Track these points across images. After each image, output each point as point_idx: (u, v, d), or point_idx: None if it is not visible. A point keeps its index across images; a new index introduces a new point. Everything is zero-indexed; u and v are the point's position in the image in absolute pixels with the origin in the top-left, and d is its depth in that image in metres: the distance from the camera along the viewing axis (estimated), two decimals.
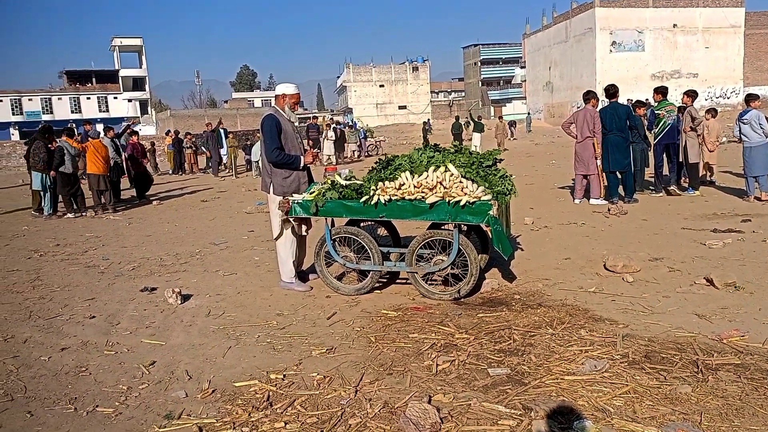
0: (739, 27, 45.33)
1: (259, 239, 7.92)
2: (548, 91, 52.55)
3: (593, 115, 9.30)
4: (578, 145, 9.47)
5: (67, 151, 11.02)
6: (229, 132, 22.22)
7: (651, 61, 44.68)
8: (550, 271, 5.62)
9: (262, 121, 5.36)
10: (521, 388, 3.25)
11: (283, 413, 3.10)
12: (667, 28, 44.75)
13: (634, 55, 44.53)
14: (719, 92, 45.02)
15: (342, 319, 4.59)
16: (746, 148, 8.93)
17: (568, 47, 48.41)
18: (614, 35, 44.40)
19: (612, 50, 44.53)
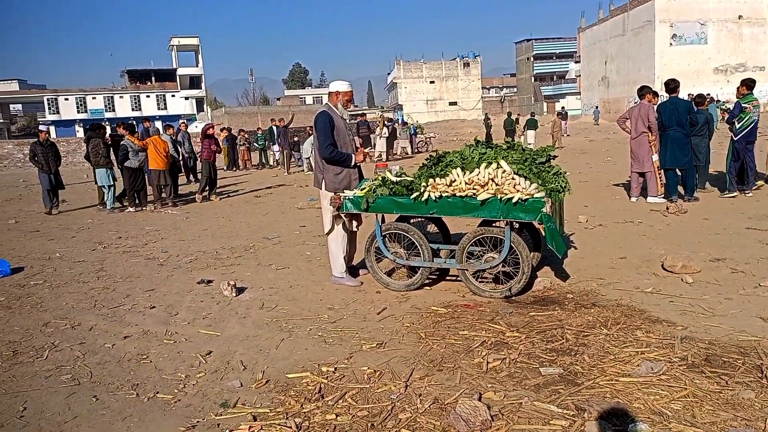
0: None
1: (311, 234, 8.04)
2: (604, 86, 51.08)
3: (648, 110, 8.99)
4: (633, 142, 9.18)
5: (131, 147, 11.48)
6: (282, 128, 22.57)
7: (714, 54, 42.77)
8: (604, 271, 5.49)
9: (316, 117, 5.44)
10: (574, 388, 3.19)
11: (334, 405, 3.15)
12: (731, 19, 42.72)
13: (695, 49, 42.73)
14: None
15: (392, 315, 4.62)
16: None
17: (625, 41, 46.92)
18: (675, 28, 42.72)
19: (672, 43, 42.87)
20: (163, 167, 11.90)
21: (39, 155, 11.50)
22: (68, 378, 3.72)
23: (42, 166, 11.54)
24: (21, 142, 35.46)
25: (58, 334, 4.56)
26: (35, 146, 11.65)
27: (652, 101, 9.21)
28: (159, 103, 71.07)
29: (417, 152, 25.35)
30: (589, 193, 10.43)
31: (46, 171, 11.61)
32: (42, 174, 11.67)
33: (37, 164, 11.57)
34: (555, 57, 75.18)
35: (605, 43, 50.32)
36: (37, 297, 5.63)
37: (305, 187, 14.24)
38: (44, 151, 11.59)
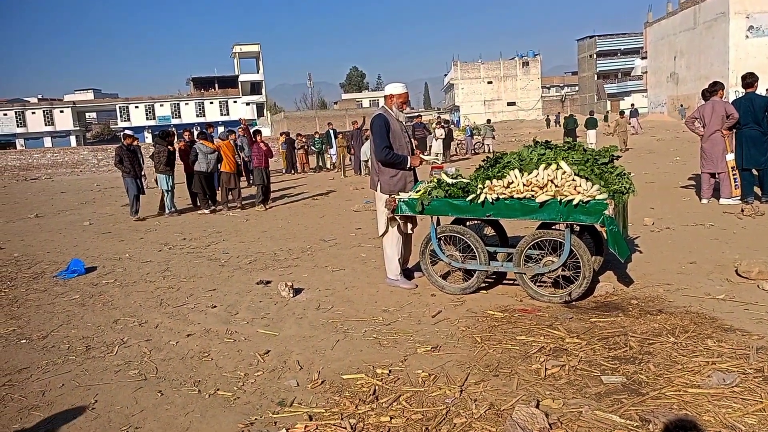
0: None
1: (366, 236, 8.08)
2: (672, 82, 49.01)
3: (725, 105, 8.53)
4: (706, 142, 8.74)
5: (201, 150, 11.93)
6: (339, 132, 22.87)
7: None
8: (672, 276, 5.25)
9: (372, 120, 5.47)
10: (638, 398, 3.06)
11: (388, 408, 3.14)
12: None
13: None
14: None
15: (447, 318, 4.57)
16: None
17: (696, 34, 44.88)
18: (751, 19, 40.48)
19: (748, 36, 40.64)
20: (232, 170, 12.28)
21: (125, 160, 11.57)
22: (136, 373, 3.88)
23: (129, 171, 11.62)
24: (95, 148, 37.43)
25: (127, 331, 4.76)
26: (121, 151, 11.70)
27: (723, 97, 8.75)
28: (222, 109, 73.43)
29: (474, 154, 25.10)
30: (656, 194, 10.01)
31: (132, 176, 11.67)
32: (128, 178, 11.69)
33: (123, 169, 11.65)
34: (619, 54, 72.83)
35: (674, 37, 48.29)
36: (108, 295, 5.90)
37: (361, 190, 14.33)
38: (130, 156, 11.68)
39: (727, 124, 8.50)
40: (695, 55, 44.84)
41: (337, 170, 21.42)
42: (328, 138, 22.87)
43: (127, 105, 72.29)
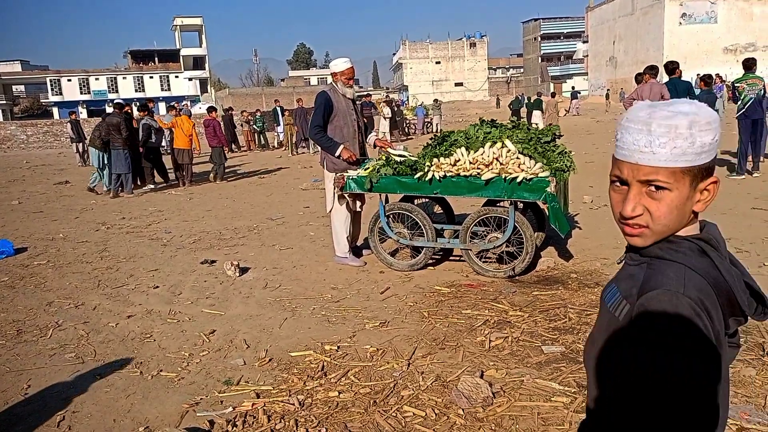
0: None
1: (315, 215, 8.03)
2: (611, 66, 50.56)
3: (661, 89, 8.89)
4: None
5: (153, 126, 11.68)
6: (286, 110, 22.49)
7: (723, 33, 42.17)
8: (608, 251, 5.46)
9: (316, 97, 5.41)
10: (576, 366, 3.19)
11: (337, 383, 3.16)
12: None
13: (705, 28, 42.14)
14: None
15: (395, 294, 4.62)
16: None
17: (633, 20, 46.32)
18: (684, 6, 42.11)
19: (682, 22, 42.28)
20: (186, 147, 12.02)
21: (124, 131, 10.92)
22: (72, 356, 3.75)
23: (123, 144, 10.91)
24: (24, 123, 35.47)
25: (62, 314, 4.58)
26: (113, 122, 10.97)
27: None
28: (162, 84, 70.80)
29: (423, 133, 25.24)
30: (595, 173, 10.35)
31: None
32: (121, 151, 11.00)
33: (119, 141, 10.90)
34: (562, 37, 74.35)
35: (613, 22, 49.72)
36: (40, 277, 5.65)
37: (310, 168, 14.21)
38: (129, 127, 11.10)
39: None
40: (632, 40, 46.35)
41: (285, 148, 21.12)
42: (275, 115, 22.46)
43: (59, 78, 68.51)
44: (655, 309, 0.94)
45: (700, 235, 1.05)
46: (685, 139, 0.98)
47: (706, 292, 0.96)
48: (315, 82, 77.56)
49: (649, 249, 1.05)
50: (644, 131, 1.00)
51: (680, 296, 0.94)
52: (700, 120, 0.99)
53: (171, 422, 2.91)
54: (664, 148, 0.99)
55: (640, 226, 1.04)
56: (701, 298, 0.94)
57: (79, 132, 19.35)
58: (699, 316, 0.92)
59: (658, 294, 0.96)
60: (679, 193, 1.01)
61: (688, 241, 1.03)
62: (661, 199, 1.01)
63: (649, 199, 1.02)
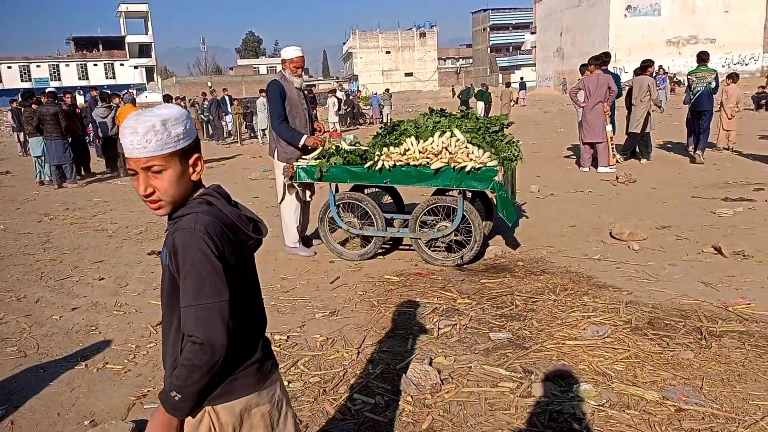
0: None
1: (264, 205, 7.92)
2: (559, 57, 51.65)
3: (608, 79, 9.20)
4: (590, 112, 9.32)
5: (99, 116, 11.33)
6: (234, 99, 22.07)
7: (667, 26, 43.56)
8: (554, 239, 5.61)
9: (267, 87, 5.31)
10: (522, 351, 3.27)
11: (286, 373, 3.14)
12: None
13: (649, 20, 43.45)
14: (737, 59, 43.85)
15: (345, 284, 4.62)
16: None
17: (580, 12, 47.39)
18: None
19: (627, 15, 43.49)
20: None
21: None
22: (14, 350, 3.62)
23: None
24: None
25: (3, 307, 4.40)
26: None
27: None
28: (107, 72, 68.22)
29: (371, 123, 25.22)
30: (542, 163, 10.59)
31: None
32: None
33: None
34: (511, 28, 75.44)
35: (561, 14, 50.74)
36: None
37: (259, 158, 14.00)
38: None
39: (610, 98, 9.17)
40: (579, 32, 47.42)
41: (233, 138, 20.74)
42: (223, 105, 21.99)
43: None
44: (179, 239, 1.37)
45: (202, 191, 1.47)
46: (163, 133, 1.36)
47: (213, 226, 1.38)
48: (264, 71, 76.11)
49: (174, 213, 1.45)
50: (135, 133, 1.36)
51: (192, 230, 1.36)
52: (171, 118, 1.38)
53: (117, 415, 2.84)
54: (150, 142, 1.36)
55: (155, 201, 1.42)
56: (207, 229, 1.36)
57: (20, 120, 18.47)
58: (204, 239, 1.35)
59: (179, 231, 1.38)
60: (173, 170, 1.40)
61: (195, 199, 1.45)
62: (161, 178, 1.39)
63: (154, 180, 1.40)
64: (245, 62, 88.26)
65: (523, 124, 19.84)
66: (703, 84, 9.82)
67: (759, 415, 2.56)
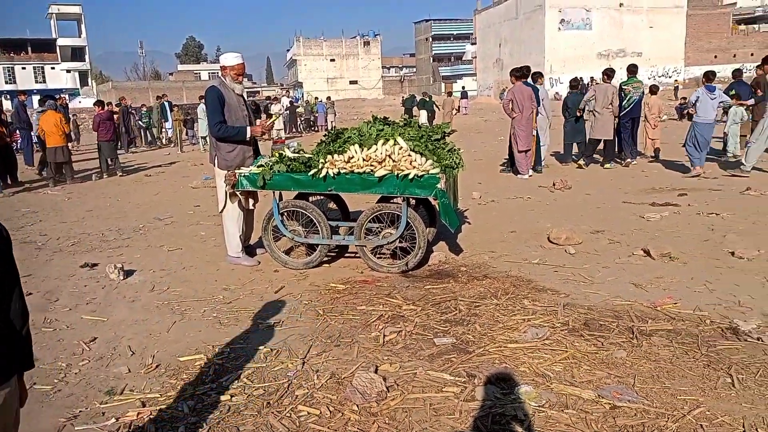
0: (682, 8, 46.59)
1: (206, 214, 7.76)
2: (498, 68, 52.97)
3: (530, 91, 9.68)
4: (524, 121, 9.65)
5: None
6: (175, 105, 21.52)
7: (598, 39, 45.50)
8: (496, 244, 5.74)
9: (206, 93, 5.24)
10: (466, 356, 3.33)
11: (229, 386, 3.08)
12: (613, 7, 45.58)
13: (581, 34, 45.24)
14: (662, 71, 46.30)
15: (290, 293, 4.57)
16: (703, 124, 9.11)
17: (517, 24, 48.81)
18: (563, 13, 44.97)
19: (560, 28, 45.13)
20: (62, 143, 11.14)
21: None
22: None
23: None
24: None
25: None
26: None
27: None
28: (37, 75, 65.14)
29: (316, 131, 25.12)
30: (483, 170, 10.83)
31: None
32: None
33: None
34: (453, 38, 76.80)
35: (499, 26, 52.10)
36: None
37: (200, 166, 13.69)
38: None
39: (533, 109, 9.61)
40: (517, 44, 48.82)
41: (174, 145, 20.21)
42: (163, 111, 21.41)
43: None
44: None
45: None
46: None
47: None
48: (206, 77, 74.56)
49: None
50: None
51: None
52: None
53: None
54: None
55: None
56: None
57: None
58: None
59: None
60: None
61: None
62: None
63: None
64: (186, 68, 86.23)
65: (465, 132, 20.21)
66: (638, 93, 10.46)
67: (686, 410, 2.70)
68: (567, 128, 11.17)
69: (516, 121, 9.73)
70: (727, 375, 2.99)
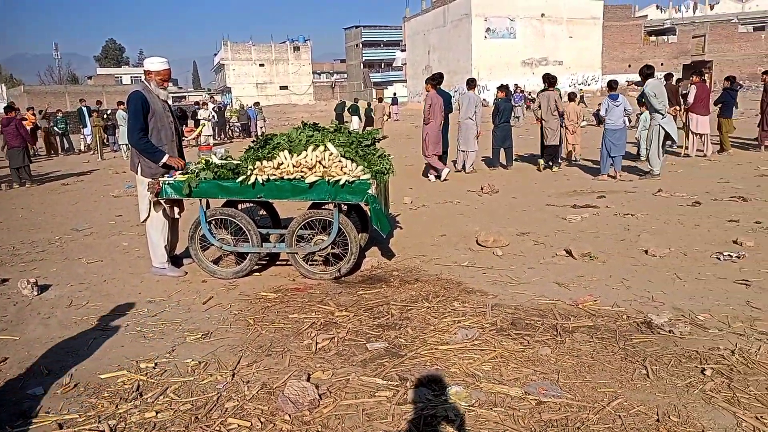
0: (599, 19, 49.02)
1: (128, 224, 7.45)
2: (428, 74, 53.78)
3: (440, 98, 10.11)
4: (435, 128, 10.14)
5: None
6: (94, 110, 20.57)
7: (522, 48, 47.12)
8: (427, 248, 5.82)
9: (128, 98, 5.03)
10: (398, 360, 3.35)
11: (154, 402, 2.97)
12: (536, 17, 47.36)
13: (506, 42, 46.72)
14: (581, 79, 48.49)
15: (219, 304, 4.46)
16: (611, 130, 9.64)
17: (445, 32, 49.83)
18: (488, 22, 46.28)
19: (486, 36, 46.42)
20: None
21: None
22: None
23: None
24: None
25: None
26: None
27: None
28: None
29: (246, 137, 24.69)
30: (414, 175, 10.98)
31: None
32: None
33: None
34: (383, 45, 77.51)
35: (428, 33, 53.00)
36: None
37: (122, 174, 13.15)
38: None
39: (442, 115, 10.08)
40: (445, 51, 49.83)
41: (93, 152, 19.31)
42: (81, 116, 20.43)
43: None
44: None
45: None
46: None
47: None
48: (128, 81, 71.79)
49: None
50: None
51: None
52: None
53: None
54: None
55: None
56: None
57: None
58: None
59: None
60: None
61: None
62: None
63: None
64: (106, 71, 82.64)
65: (396, 138, 20.44)
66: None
67: (606, 401, 2.83)
68: (496, 133, 11.51)
69: (429, 126, 10.16)
70: (642, 367, 3.16)
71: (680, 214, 6.77)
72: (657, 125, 9.34)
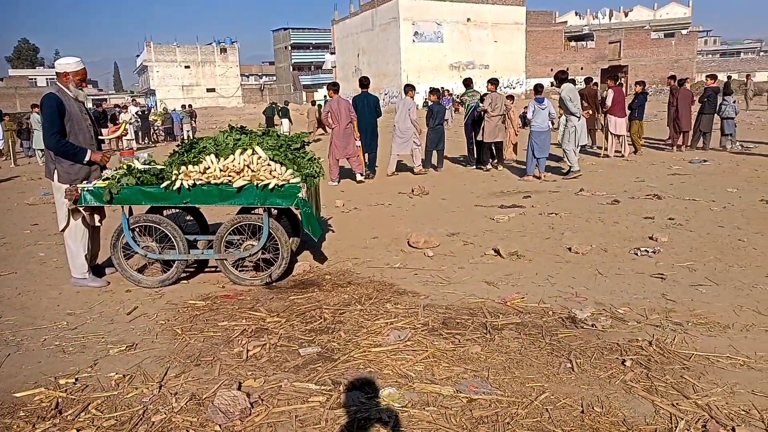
0: (522, 24, 50.73)
1: (45, 233, 7.05)
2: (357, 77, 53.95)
3: (347, 103, 10.32)
4: (343, 132, 10.30)
5: None
6: (6, 114, 19.34)
7: (449, 52, 48.07)
8: (359, 251, 5.84)
9: (42, 100, 4.76)
10: (331, 364, 3.34)
11: (74, 420, 2.82)
12: (462, 21, 48.45)
13: (434, 46, 47.52)
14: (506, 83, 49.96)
15: (144, 314, 4.30)
16: (537, 132, 9.99)
17: (374, 35, 50.13)
18: (416, 26, 46.94)
19: (415, 40, 47.06)
20: None
21: None
22: None
23: None
24: None
25: None
26: None
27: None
28: None
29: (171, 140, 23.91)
30: (345, 178, 10.98)
31: None
32: None
33: None
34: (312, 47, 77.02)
35: (357, 36, 53.15)
36: None
37: (38, 180, 12.44)
38: None
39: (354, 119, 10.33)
40: (375, 54, 50.15)
41: (5, 158, 18.16)
42: None
43: None
44: None
45: None
46: None
47: None
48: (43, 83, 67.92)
49: None
50: None
51: None
52: None
53: None
54: None
55: None
56: None
57: None
58: None
59: None
60: None
61: None
62: None
63: None
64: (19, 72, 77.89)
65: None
66: (474, 100, 11.74)
67: (534, 396, 2.93)
68: (430, 136, 11.68)
69: (334, 132, 10.40)
70: (568, 360, 3.29)
71: (600, 212, 7.11)
72: (573, 126, 9.91)
